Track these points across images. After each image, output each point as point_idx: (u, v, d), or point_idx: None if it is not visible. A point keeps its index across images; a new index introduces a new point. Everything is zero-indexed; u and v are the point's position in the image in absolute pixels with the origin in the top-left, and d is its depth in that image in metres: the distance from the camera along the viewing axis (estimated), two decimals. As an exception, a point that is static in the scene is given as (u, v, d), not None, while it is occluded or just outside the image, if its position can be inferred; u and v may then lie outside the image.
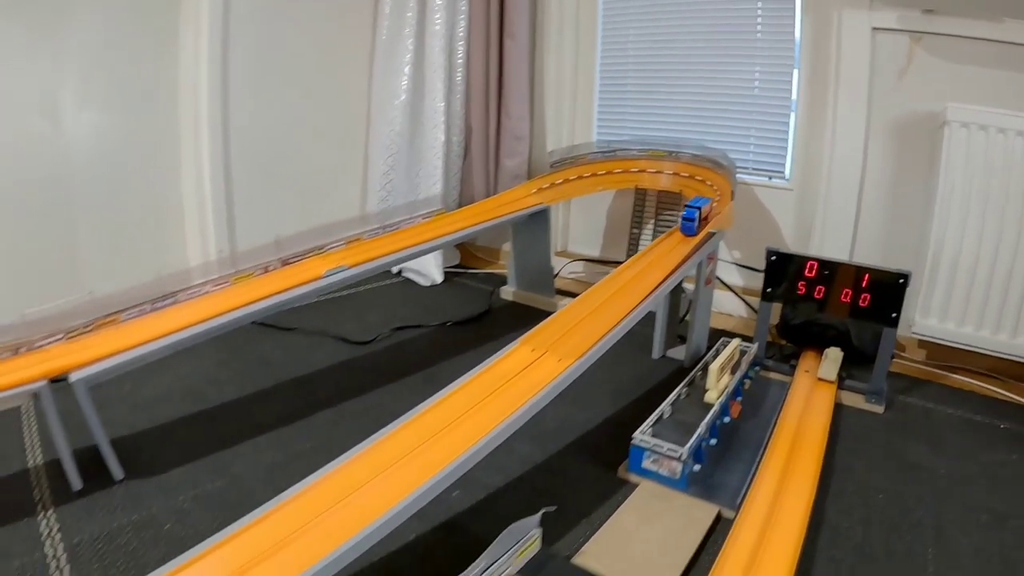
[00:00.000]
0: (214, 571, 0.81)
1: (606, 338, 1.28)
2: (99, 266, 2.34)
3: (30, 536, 1.29)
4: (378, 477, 0.96)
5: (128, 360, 1.40)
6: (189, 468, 1.44)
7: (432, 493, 0.94)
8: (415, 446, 1.02)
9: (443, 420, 1.08)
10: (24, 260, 2.22)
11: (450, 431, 1.06)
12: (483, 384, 1.18)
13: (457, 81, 2.43)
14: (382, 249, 1.73)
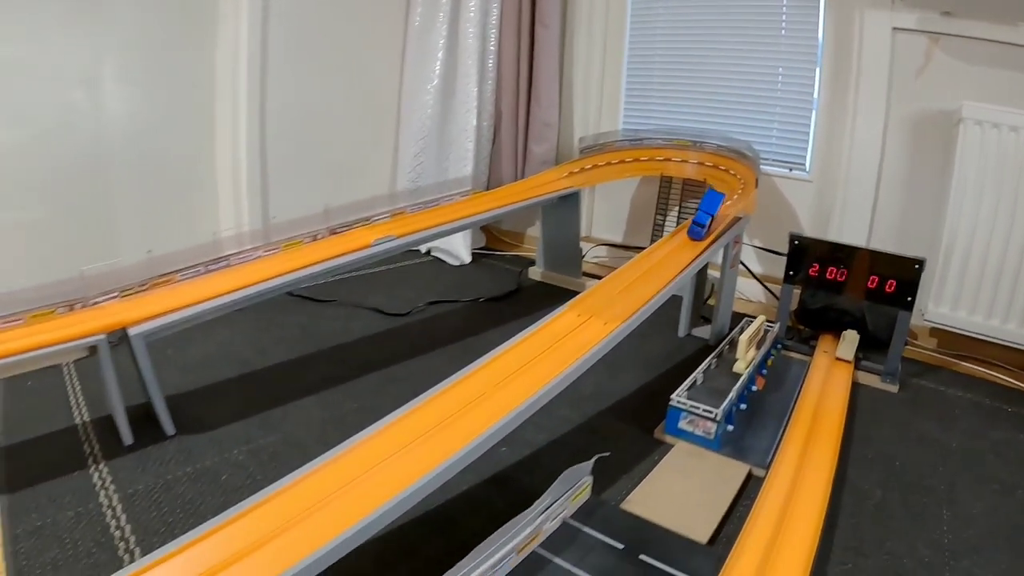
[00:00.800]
0: (272, 519, 0.87)
1: (646, 306, 1.38)
2: (133, 235, 2.44)
3: (83, 487, 1.37)
4: (434, 431, 1.03)
5: (185, 317, 1.49)
6: (240, 425, 1.54)
7: (486, 445, 1.02)
8: (468, 402, 1.11)
9: (496, 377, 1.17)
10: (62, 227, 2.32)
11: (503, 387, 1.15)
12: (533, 344, 1.28)
13: (489, 67, 2.54)
14: (425, 222, 1.84)
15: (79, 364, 1.88)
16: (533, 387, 1.14)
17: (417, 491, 0.91)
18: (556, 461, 1.34)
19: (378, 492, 0.90)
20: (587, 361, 1.22)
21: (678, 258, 1.67)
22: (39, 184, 2.28)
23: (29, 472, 1.43)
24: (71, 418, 1.63)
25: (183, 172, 2.52)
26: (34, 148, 2.27)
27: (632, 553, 1.05)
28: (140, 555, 1.17)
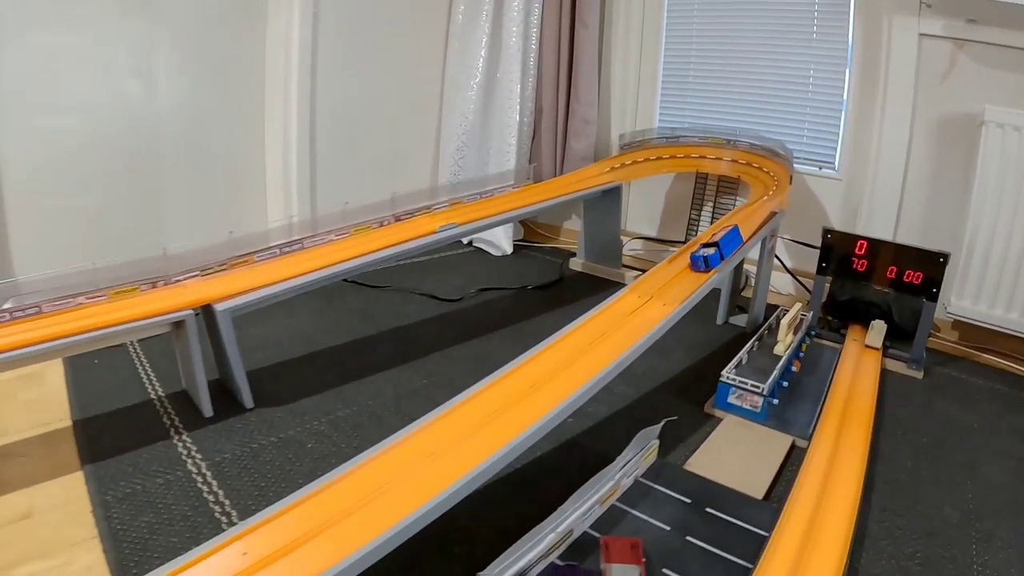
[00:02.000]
0: (368, 482, 0.99)
1: (702, 287, 1.55)
2: (182, 224, 2.61)
3: (168, 456, 1.51)
4: (510, 404, 1.16)
5: (268, 295, 1.64)
6: (316, 399, 1.70)
7: (560, 417, 1.14)
8: (541, 378, 1.24)
9: (565, 355, 1.32)
10: (114, 214, 2.49)
11: (572, 364, 1.29)
12: (598, 324, 1.44)
13: (530, 65, 2.71)
14: (482, 212, 2.01)
15: (143, 343, 2.05)
16: (601, 363, 1.29)
17: (500, 459, 1.03)
18: (619, 430, 1.52)
19: (465, 459, 1.02)
20: (650, 339, 1.39)
21: None
22: (93, 173, 2.46)
23: (111, 443, 1.57)
24: (145, 393, 1.78)
25: (232, 163, 2.70)
26: (89, 138, 2.45)
27: (699, 507, 1.23)
28: (238, 518, 1.30)
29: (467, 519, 1.18)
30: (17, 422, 1.67)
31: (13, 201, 2.34)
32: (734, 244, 1.76)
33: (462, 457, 1.03)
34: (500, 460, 1.03)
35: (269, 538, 0.93)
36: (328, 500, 0.98)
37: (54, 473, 1.49)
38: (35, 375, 1.92)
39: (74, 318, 1.55)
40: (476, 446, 1.06)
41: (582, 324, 1.44)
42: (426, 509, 0.93)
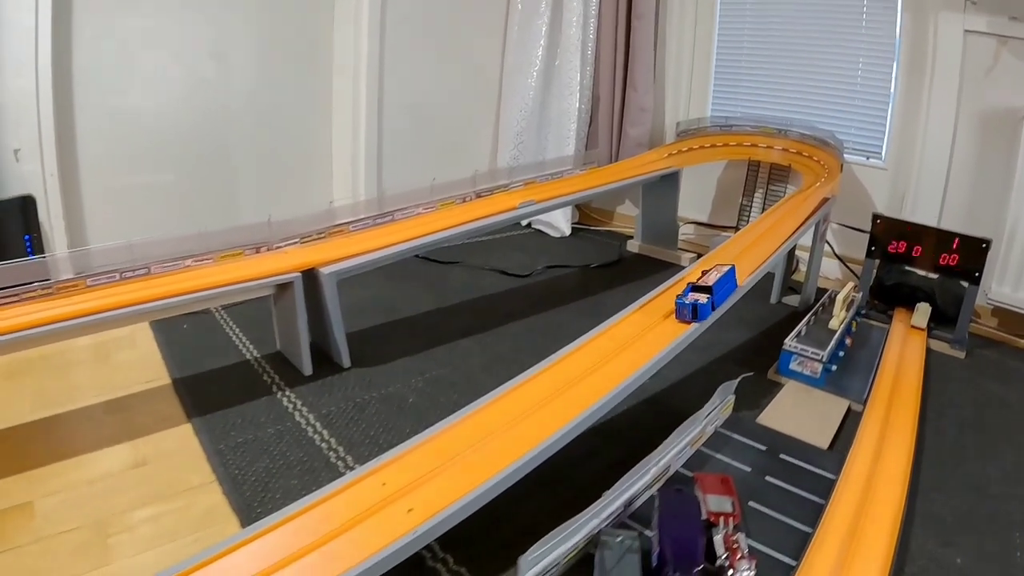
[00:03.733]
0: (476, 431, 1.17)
1: (768, 262, 1.75)
2: (251, 200, 2.83)
3: (275, 409, 1.69)
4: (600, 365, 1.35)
5: (368, 261, 1.84)
6: (409, 360, 1.91)
7: (644, 377, 1.33)
8: (625, 342, 1.44)
9: (645, 321, 1.52)
10: (187, 191, 2.72)
11: (651, 329, 1.49)
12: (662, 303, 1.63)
13: (588, 54, 2.91)
14: (556, 191, 2.23)
15: (229, 310, 2.26)
16: (680, 329, 1.50)
17: (594, 412, 1.20)
18: (693, 389, 1.73)
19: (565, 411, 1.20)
20: (724, 307, 1.60)
21: (783, 227, 2.03)
22: (167, 151, 2.69)
23: (215, 398, 1.75)
24: (240, 355, 1.99)
25: (300, 143, 2.92)
26: (163, 118, 2.68)
27: (773, 453, 1.44)
28: (354, 463, 1.48)
29: (566, 464, 1.34)
30: (116, 381, 1.86)
31: (88, 178, 2.56)
32: (728, 289, 1.61)
33: (561, 409, 1.22)
34: (596, 411, 1.21)
35: (404, 471, 1.12)
36: (452, 439, 1.18)
37: (161, 426, 1.67)
38: (126, 338, 2.13)
39: (184, 279, 1.73)
40: (572, 400, 1.24)
41: (654, 298, 1.63)
42: (539, 450, 1.11)
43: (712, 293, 1.53)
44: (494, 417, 1.23)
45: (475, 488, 1.05)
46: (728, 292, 1.60)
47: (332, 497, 1.08)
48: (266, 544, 0.99)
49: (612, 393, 1.26)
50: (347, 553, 0.96)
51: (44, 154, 2.43)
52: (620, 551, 1.05)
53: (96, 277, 1.68)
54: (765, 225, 2.06)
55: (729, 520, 1.16)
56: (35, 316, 1.51)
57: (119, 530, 1.33)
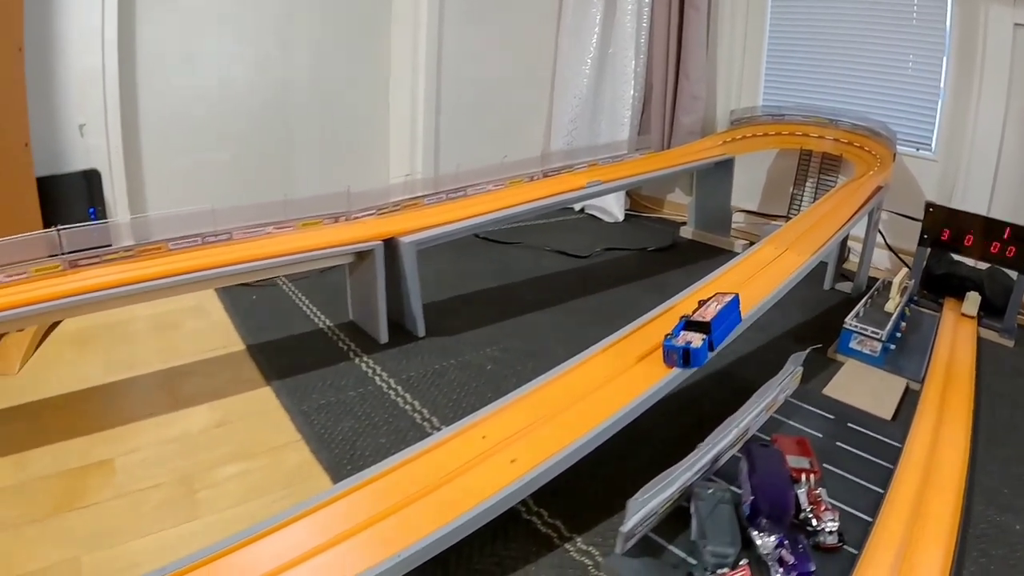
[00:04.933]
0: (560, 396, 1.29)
1: (829, 244, 1.87)
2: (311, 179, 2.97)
3: (354, 374, 1.80)
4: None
5: (447, 232, 1.97)
6: (482, 331, 2.03)
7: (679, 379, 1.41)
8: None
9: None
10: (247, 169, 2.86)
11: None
12: (741, 271, 1.77)
13: (642, 43, 3.03)
14: (619, 173, 2.36)
15: (296, 282, 2.39)
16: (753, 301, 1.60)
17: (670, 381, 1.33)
18: (757, 363, 1.86)
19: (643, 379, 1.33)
20: (789, 283, 1.70)
21: (838, 214, 2.14)
22: (227, 129, 2.84)
23: (292, 364, 1.86)
24: (311, 323, 2.11)
25: (357, 123, 3.06)
26: (227, 96, 2.83)
27: (841, 422, 1.56)
28: (440, 423, 1.59)
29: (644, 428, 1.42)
30: (190, 347, 1.99)
31: (150, 154, 2.71)
32: (730, 324, 1.47)
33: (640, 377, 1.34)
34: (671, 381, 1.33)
35: (503, 425, 1.24)
36: (547, 397, 1.30)
37: (239, 389, 1.78)
38: (195, 308, 2.26)
39: (266, 245, 1.84)
40: (648, 369, 1.36)
41: (721, 275, 1.75)
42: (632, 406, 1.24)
43: (710, 332, 1.36)
44: (585, 377, 1.36)
45: (574, 441, 1.17)
46: (730, 327, 1.46)
47: (434, 449, 1.19)
48: (372, 492, 1.09)
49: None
50: (454, 500, 1.06)
51: (109, 129, 2.58)
52: (713, 502, 1.17)
53: (178, 241, 1.78)
54: (820, 212, 2.17)
55: (811, 476, 1.29)
56: (118, 277, 1.61)
57: (205, 486, 1.41)
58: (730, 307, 1.46)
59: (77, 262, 1.65)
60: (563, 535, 1.24)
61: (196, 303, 2.30)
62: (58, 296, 1.54)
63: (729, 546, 1.06)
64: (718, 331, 1.39)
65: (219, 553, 0.96)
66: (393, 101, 3.04)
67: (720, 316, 1.41)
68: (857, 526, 1.23)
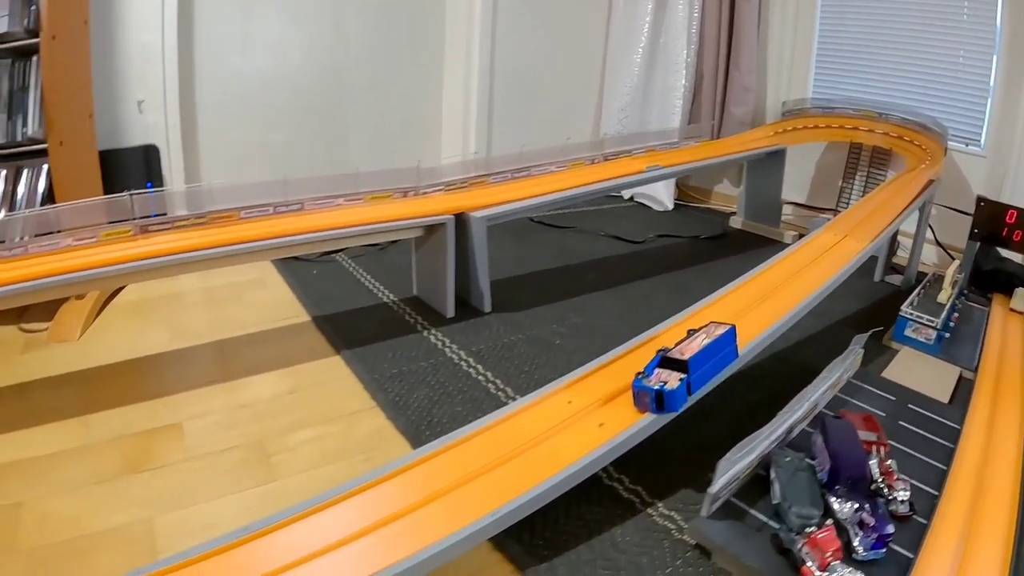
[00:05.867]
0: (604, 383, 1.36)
1: (888, 230, 1.97)
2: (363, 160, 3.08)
3: (424, 345, 1.90)
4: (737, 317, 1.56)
5: (516, 209, 2.07)
6: (547, 308, 2.14)
7: (781, 330, 1.55)
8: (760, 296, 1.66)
9: (775, 280, 1.74)
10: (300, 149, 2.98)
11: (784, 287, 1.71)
12: (800, 258, 1.87)
13: (693, 33, 3.12)
14: (677, 159, 2.46)
15: (355, 258, 2.50)
16: (812, 287, 1.70)
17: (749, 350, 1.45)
18: (815, 347, 1.97)
19: None
20: (849, 269, 1.80)
21: (890, 207, 2.23)
22: (282, 110, 2.96)
23: (360, 334, 1.95)
24: (375, 297, 2.21)
25: (411, 106, 3.18)
26: (282, 77, 2.94)
27: (902, 403, 1.66)
28: (514, 393, 1.67)
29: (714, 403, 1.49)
30: (254, 318, 2.09)
31: (206, 132, 2.84)
32: (721, 361, 1.36)
33: None
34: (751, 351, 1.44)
35: (588, 391, 1.33)
36: (631, 364, 1.39)
37: (308, 357, 1.87)
38: (256, 281, 2.37)
39: (337, 216, 1.94)
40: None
41: (783, 259, 1.86)
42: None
43: (688, 371, 1.25)
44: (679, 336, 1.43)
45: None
46: (719, 366, 1.35)
47: (519, 413, 1.28)
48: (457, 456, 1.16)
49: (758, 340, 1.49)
50: (543, 463, 1.15)
51: (167, 106, 2.70)
52: (791, 469, 1.27)
53: (250, 210, 1.87)
54: (874, 203, 2.27)
55: (880, 449, 1.39)
56: (189, 242, 1.70)
57: (279, 450, 1.48)
58: (722, 342, 1.34)
59: (148, 227, 1.73)
60: (644, 501, 1.33)
61: (256, 276, 2.41)
62: (129, 259, 1.61)
63: (813, 507, 1.16)
64: (699, 371, 1.27)
65: (302, 514, 1.03)
66: (446, 85, 3.15)
67: (706, 352, 1.30)
68: (923, 498, 1.31)
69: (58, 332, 1.98)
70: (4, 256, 1.59)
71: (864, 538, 1.13)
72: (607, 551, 1.20)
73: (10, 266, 1.55)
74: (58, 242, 1.65)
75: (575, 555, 1.19)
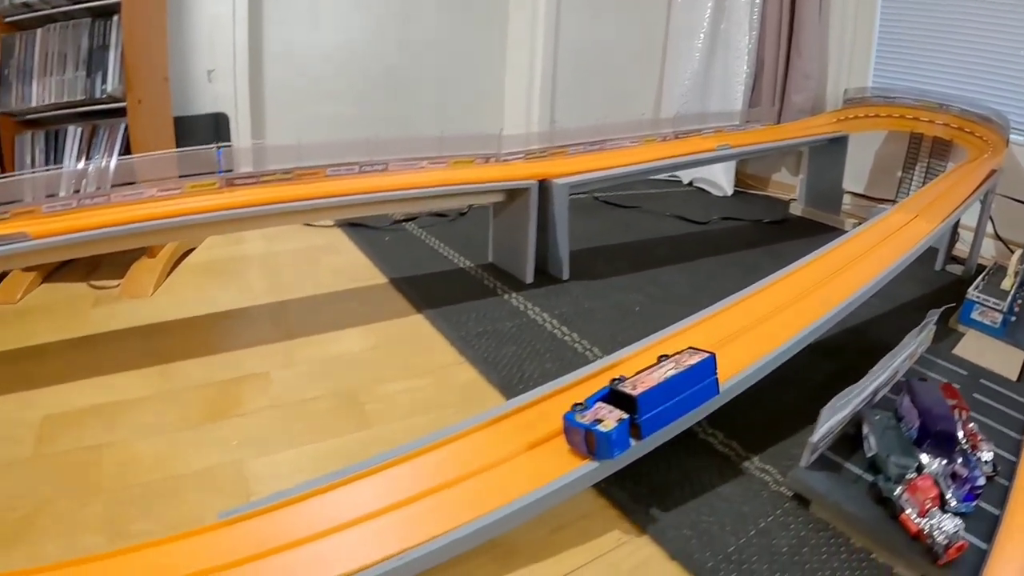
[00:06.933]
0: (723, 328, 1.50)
1: (956, 212, 2.08)
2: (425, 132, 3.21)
3: (506, 308, 1.98)
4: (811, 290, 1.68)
5: (596, 178, 2.19)
6: (622, 279, 2.24)
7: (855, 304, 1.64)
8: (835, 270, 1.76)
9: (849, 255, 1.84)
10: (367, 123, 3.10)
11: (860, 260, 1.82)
12: (873, 234, 1.97)
13: (754, 19, 3.23)
14: (744, 140, 2.58)
15: (425, 228, 2.63)
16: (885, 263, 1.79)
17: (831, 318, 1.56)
18: (885, 324, 2.07)
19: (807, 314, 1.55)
20: (921, 247, 1.89)
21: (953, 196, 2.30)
22: (349, 86, 3.09)
23: (441, 296, 2.03)
24: (450, 263, 2.32)
25: (476, 81, 3.31)
26: (348, 51, 3.07)
27: (974, 377, 1.78)
28: (600, 353, 1.75)
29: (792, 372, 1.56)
30: (331, 279, 2.18)
31: (273, 103, 2.96)
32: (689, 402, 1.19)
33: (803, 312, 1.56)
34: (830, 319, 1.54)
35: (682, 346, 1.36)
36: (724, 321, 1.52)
37: (391, 315, 1.96)
38: (327, 247, 2.48)
39: (421, 176, 2.03)
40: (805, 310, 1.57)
41: (853, 237, 1.96)
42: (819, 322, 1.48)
43: (636, 410, 1.08)
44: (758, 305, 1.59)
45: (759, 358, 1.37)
46: (690, 404, 1.19)
47: (620, 364, 1.37)
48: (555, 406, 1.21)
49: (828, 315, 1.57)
50: None
51: (236, 76, 2.83)
52: (881, 427, 1.39)
53: (336, 168, 1.96)
54: (939, 189, 2.37)
55: (962, 412, 1.51)
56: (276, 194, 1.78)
57: (372, 400, 1.55)
58: (694, 374, 1.17)
59: (233, 181, 1.81)
60: (740, 454, 1.43)
61: (326, 242, 2.52)
62: (217, 208, 1.68)
63: (911, 458, 1.27)
64: (653, 411, 1.11)
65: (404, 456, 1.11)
66: (510, 65, 3.28)
67: (666, 388, 1.12)
68: (1002, 463, 1.40)
69: (130, 288, 2.07)
70: (87, 204, 1.65)
71: (956, 490, 1.22)
72: (709, 499, 1.29)
73: (94, 213, 1.62)
74: (141, 192, 1.72)
75: (679, 503, 1.27)
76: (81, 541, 1.12)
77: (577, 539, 1.18)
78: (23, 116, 2.20)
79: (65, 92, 2.13)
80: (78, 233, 1.54)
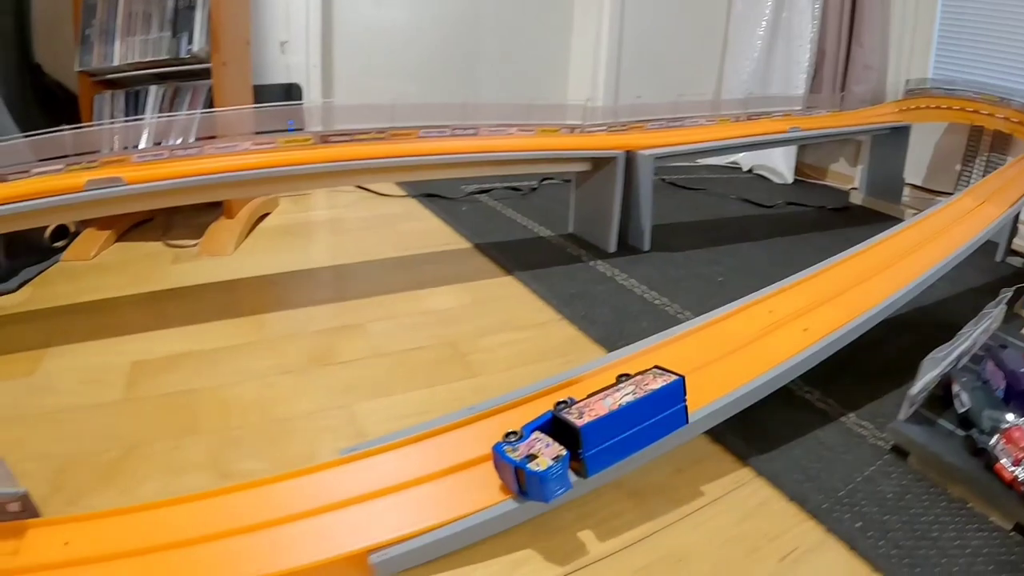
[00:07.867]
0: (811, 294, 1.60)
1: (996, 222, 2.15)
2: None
3: (592, 273, 2.08)
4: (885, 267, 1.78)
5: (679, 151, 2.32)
6: (702, 252, 2.36)
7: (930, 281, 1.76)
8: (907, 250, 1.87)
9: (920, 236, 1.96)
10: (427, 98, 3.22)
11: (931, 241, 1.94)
12: (942, 217, 2.10)
13: (816, 9, 3.36)
14: (815, 124, 2.70)
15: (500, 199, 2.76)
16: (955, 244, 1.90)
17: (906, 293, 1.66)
18: (952, 305, 2.19)
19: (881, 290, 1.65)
20: (990, 231, 2.00)
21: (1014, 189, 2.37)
22: (415, 62, 3.23)
23: (527, 260, 2.12)
24: (530, 232, 2.44)
25: (540, 66, 3.44)
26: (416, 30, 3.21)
27: (1045, 355, 1.91)
28: (691, 315, 1.83)
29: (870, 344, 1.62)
30: (415, 242, 2.27)
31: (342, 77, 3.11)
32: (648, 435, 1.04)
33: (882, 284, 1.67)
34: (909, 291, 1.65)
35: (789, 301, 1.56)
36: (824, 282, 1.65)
37: (483, 276, 2.06)
38: (404, 214, 2.59)
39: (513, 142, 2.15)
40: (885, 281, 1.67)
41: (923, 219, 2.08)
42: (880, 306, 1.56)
43: (581, 444, 0.94)
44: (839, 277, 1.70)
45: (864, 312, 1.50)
46: (649, 437, 1.04)
47: (721, 321, 1.49)
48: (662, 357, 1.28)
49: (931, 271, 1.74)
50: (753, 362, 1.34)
51: (309, 48, 2.97)
52: (970, 386, 1.52)
53: (428, 130, 2.07)
54: (1004, 178, 2.47)
55: (1044, 378, 1.63)
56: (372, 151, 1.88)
57: (474, 351, 1.61)
58: (655, 400, 1.02)
59: (328, 138, 1.90)
60: (837, 411, 1.54)
61: (403, 210, 2.64)
62: (311, 161, 1.75)
63: (1004, 411, 1.40)
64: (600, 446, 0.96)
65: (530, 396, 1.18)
66: (574, 47, 3.43)
67: (618, 417, 0.98)
68: None
69: (210, 246, 2.16)
70: (179, 155, 1.72)
71: (1047, 441, 1.35)
72: (815, 448, 1.40)
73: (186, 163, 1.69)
74: (235, 145, 1.79)
75: (788, 450, 1.37)
76: (181, 481, 1.14)
77: (699, 480, 1.27)
78: (103, 76, 2.27)
79: (150, 51, 2.20)
80: (176, 180, 1.61)
